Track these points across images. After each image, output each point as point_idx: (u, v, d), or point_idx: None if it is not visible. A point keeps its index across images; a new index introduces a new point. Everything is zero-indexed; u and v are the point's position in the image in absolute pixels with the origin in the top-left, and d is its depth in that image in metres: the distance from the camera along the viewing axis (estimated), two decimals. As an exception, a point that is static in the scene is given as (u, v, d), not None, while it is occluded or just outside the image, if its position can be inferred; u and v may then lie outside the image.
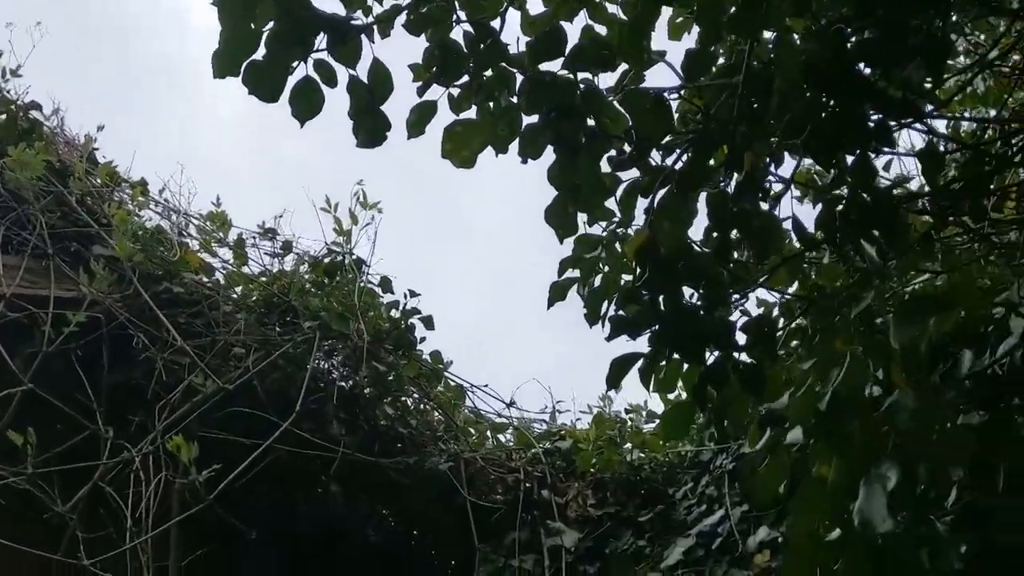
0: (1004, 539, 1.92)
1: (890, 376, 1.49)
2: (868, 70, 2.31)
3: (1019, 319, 1.41)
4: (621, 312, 2.68)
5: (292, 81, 2.17)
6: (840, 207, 2.40)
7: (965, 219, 2.85)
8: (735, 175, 2.30)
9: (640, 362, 2.63)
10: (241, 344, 4.45)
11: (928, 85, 2.69)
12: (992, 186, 2.80)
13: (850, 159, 2.40)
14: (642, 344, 2.63)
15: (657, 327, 2.56)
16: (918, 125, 2.91)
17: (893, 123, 2.54)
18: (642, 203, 2.65)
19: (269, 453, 4.16)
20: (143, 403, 4.16)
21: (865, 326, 1.59)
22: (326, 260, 4.95)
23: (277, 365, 4.46)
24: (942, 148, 2.68)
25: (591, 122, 2.26)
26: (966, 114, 3.52)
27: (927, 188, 2.65)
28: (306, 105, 2.21)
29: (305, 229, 6.20)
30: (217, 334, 4.43)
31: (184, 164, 5.17)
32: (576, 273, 2.98)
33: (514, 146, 2.29)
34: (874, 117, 2.34)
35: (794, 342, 2.94)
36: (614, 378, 2.64)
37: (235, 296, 4.83)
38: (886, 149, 3.71)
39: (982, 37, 3.56)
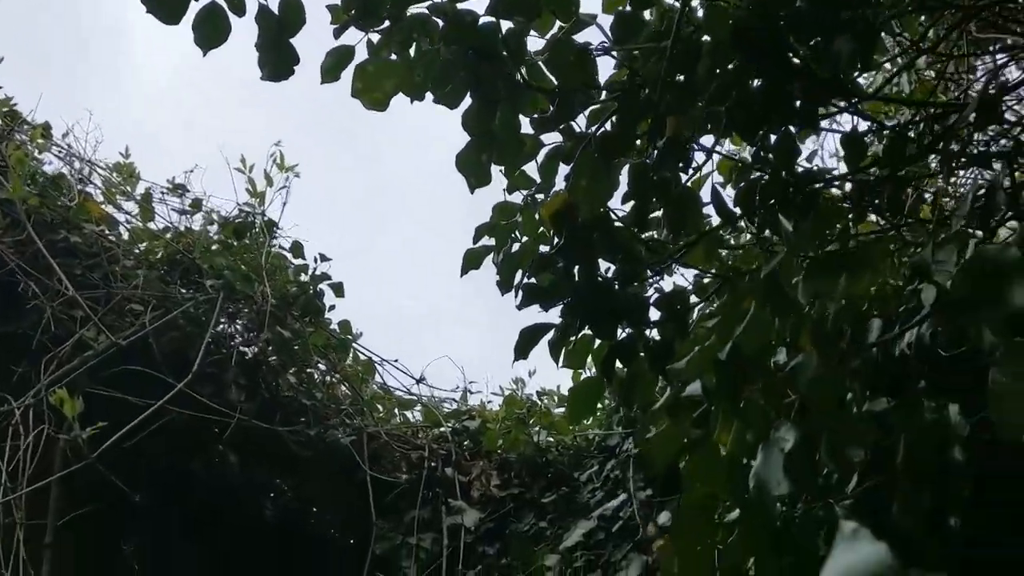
0: (905, 524, 1.90)
1: (797, 342, 1.44)
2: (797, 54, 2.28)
3: (931, 288, 1.35)
4: (533, 280, 2.61)
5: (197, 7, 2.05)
6: (760, 185, 2.35)
7: (885, 216, 2.85)
8: (658, 144, 2.23)
9: (551, 334, 2.56)
10: (139, 300, 4.24)
11: (856, 72, 2.67)
12: (912, 180, 2.80)
13: (773, 138, 2.37)
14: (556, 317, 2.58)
15: (570, 299, 2.50)
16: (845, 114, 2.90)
17: (821, 108, 2.52)
18: (563, 170, 2.59)
19: (163, 415, 3.97)
20: (29, 354, 3.93)
21: (774, 289, 1.53)
22: (236, 220, 4.76)
23: (176, 325, 4.26)
24: (866, 130, 2.66)
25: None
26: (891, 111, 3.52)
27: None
28: (211, 32, 2.07)
29: (221, 190, 6.01)
30: (115, 288, 4.21)
31: (114, 127, 4.94)
32: (492, 241, 2.89)
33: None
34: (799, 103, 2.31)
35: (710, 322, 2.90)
36: (522, 348, 2.56)
37: (137, 251, 4.59)
38: (809, 141, 3.72)
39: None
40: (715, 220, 2.68)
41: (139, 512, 4.12)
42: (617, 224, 2.49)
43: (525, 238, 2.85)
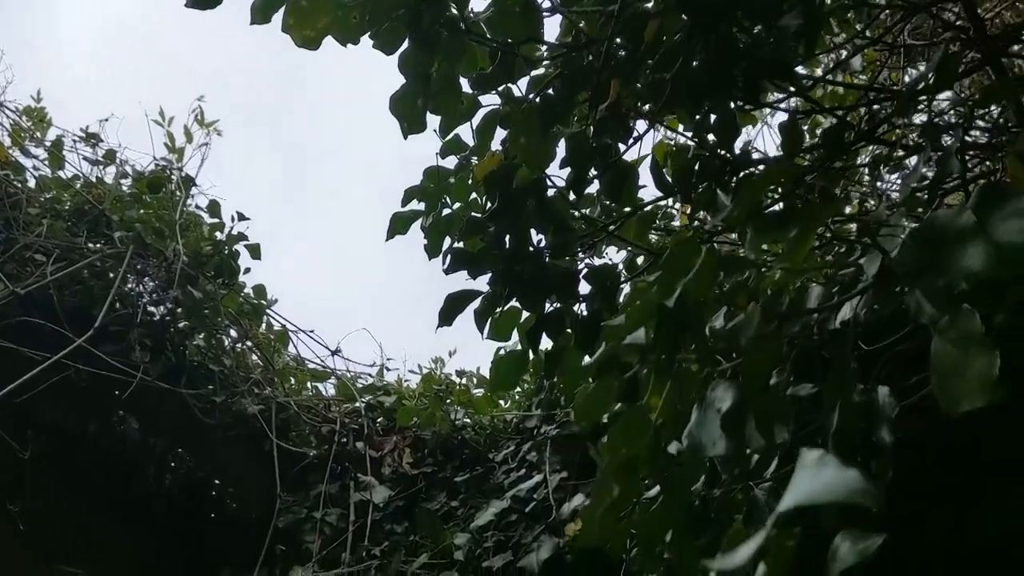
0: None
1: (735, 301, 1.38)
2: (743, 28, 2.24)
3: (875, 257, 1.31)
4: (462, 245, 2.53)
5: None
6: (700, 161, 2.32)
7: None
8: (600, 108, 2.17)
9: (478, 302, 2.49)
10: (43, 250, 4.01)
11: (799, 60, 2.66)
12: (845, 172, 2.80)
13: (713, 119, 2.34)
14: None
15: (500, 267, 2.44)
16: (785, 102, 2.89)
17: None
18: (499, 136, 2.52)
19: (61, 371, 3.77)
20: (-84, 299, 3.68)
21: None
22: (152, 174, 4.54)
23: (80, 278, 4.04)
24: (807, 111, 2.65)
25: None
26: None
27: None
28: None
29: (138, 144, 5.78)
30: (16, 236, 3.97)
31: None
32: (421, 206, 2.80)
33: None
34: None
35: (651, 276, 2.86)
36: (447, 313, 2.48)
37: (44, 199, 4.34)
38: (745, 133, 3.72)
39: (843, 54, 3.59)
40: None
41: (29, 472, 3.89)
42: (552, 192, 2.43)
43: (456, 204, 2.77)
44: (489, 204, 2.43)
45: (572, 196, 2.44)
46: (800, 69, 3.44)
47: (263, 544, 4.00)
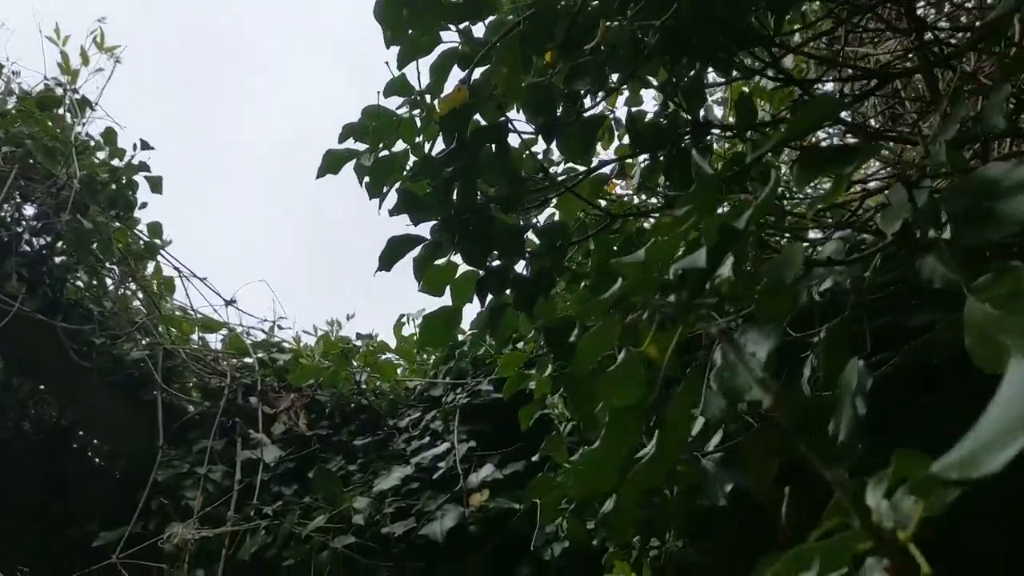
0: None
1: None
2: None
3: (893, 213, 1.23)
4: (410, 188, 2.39)
5: None
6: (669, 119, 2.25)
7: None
8: (583, 49, 2.06)
9: (419, 249, 2.36)
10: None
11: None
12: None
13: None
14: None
15: (449, 214, 2.31)
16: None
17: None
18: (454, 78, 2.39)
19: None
20: None
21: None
22: (41, 94, 4.15)
23: (-46, 196, 3.65)
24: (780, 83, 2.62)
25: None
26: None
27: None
28: None
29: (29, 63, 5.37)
30: None
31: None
32: (361, 146, 2.62)
33: None
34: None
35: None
36: (387, 258, 2.33)
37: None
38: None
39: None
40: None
41: None
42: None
43: (398, 145, 2.61)
44: (443, 145, 2.29)
45: (535, 147, 2.34)
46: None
47: (138, 499, 3.71)
